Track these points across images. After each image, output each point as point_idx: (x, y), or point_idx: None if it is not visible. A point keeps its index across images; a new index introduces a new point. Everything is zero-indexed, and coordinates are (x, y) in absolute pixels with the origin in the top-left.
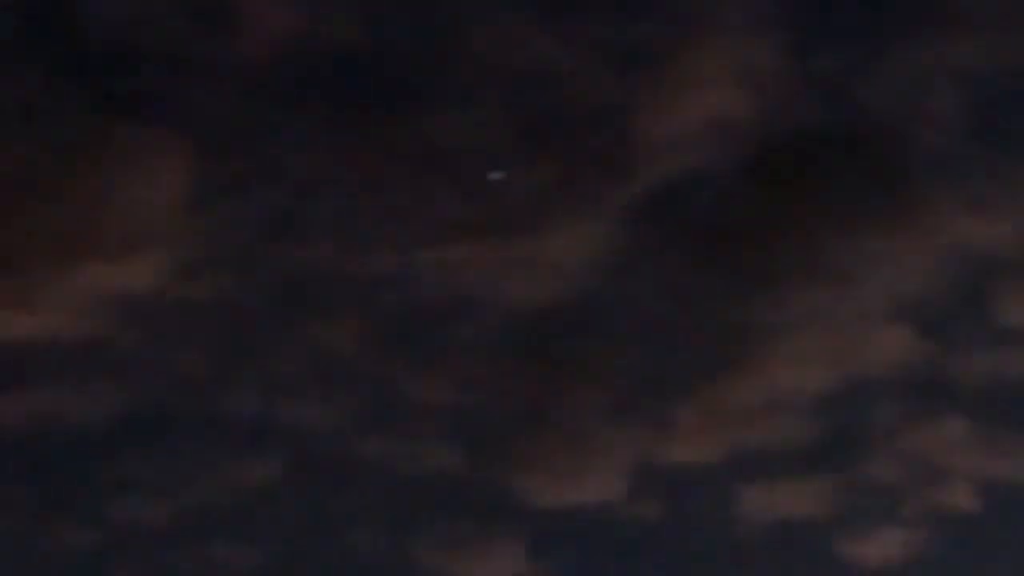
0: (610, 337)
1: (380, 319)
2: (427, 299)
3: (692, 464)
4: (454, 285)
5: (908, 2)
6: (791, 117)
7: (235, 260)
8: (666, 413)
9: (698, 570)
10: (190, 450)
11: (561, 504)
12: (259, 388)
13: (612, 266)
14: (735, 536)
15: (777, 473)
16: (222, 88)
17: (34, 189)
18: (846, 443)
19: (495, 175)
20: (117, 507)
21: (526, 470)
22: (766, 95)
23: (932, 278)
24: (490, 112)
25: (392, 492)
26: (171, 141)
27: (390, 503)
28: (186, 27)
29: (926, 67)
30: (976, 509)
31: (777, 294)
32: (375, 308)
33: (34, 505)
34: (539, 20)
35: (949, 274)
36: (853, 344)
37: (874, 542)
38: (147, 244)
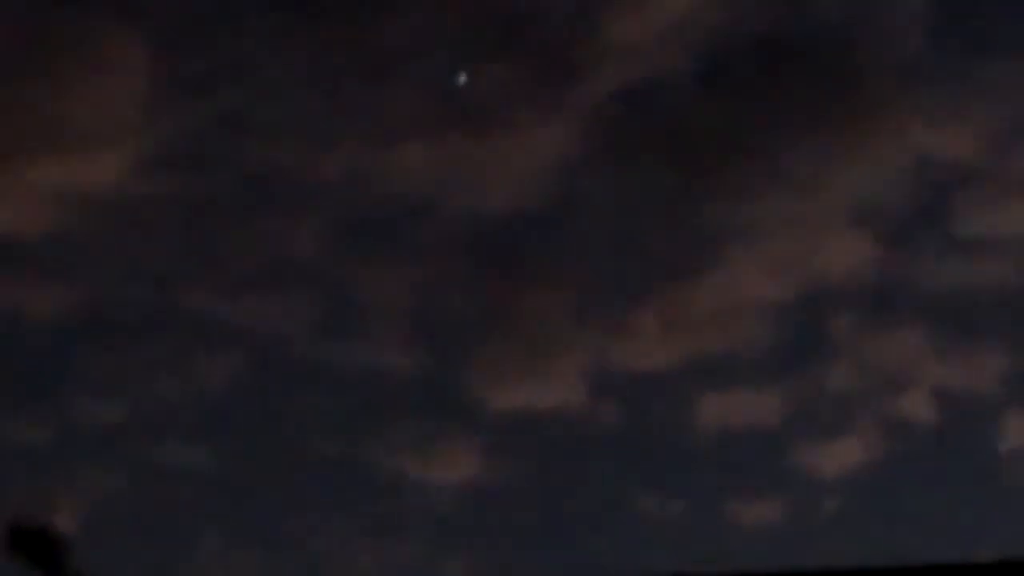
0: (570, 241)
1: (342, 220)
2: (387, 200)
3: (650, 369)
4: (413, 186)
5: None
6: (755, 23)
7: (193, 158)
8: (625, 318)
9: (654, 475)
10: (146, 348)
11: (519, 407)
12: (217, 287)
13: (573, 170)
14: (691, 442)
15: (735, 380)
16: None
17: None
18: (805, 351)
19: (460, 79)
20: (73, 404)
21: (484, 373)
22: (728, 3)
23: (893, 187)
24: (453, 13)
25: (349, 394)
26: (132, 38)
27: (347, 405)
28: None
29: None
30: (934, 418)
31: (738, 201)
32: (335, 209)
33: None
34: None
35: (910, 183)
36: (813, 252)
37: (831, 450)
38: (109, 141)
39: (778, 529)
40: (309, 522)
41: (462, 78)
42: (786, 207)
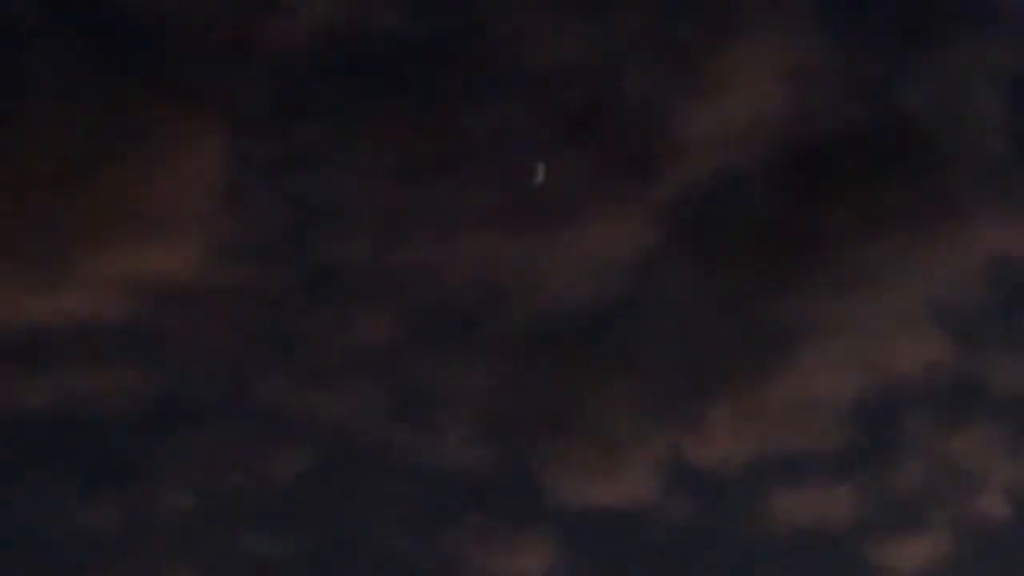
0: (643, 335)
1: (415, 311)
2: (462, 292)
3: (723, 465)
4: (489, 278)
5: (948, 3)
6: (829, 118)
7: (271, 247)
8: (698, 413)
9: (729, 572)
10: (222, 437)
11: (592, 502)
12: (292, 377)
13: (647, 264)
14: (766, 539)
15: (808, 476)
16: (262, 73)
17: (71, 169)
18: (878, 448)
19: (539, 173)
20: (148, 492)
21: (558, 467)
22: (804, 96)
23: (967, 284)
24: (528, 105)
25: (423, 486)
26: (210, 125)
27: (421, 497)
28: (228, 9)
29: (966, 69)
30: (1007, 517)
31: (812, 297)
32: (410, 299)
33: (66, 488)
34: (580, 14)
35: (984, 280)
36: (886, 349)
37: (905, 548)
38: (183, 228)
39: None
40: None
41: (540, 173)
42: (860, 304)
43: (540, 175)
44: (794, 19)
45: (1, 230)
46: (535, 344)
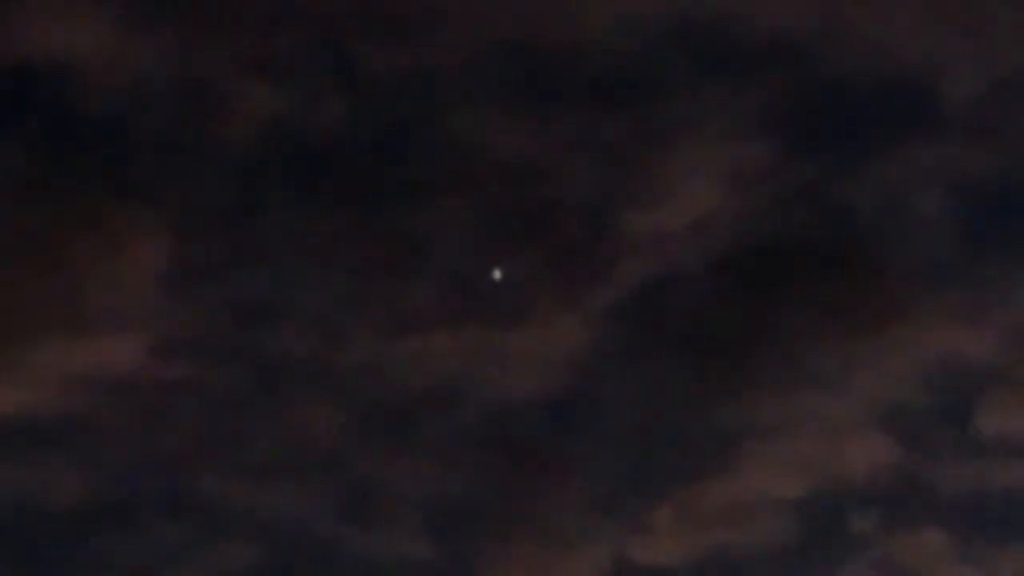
0: (588, 434)
1: (358, 408)
2: (406, 389)
3: (667, 566)
4: (433, 376)
5: (897, 106)
6: (775, 220)
7: (213, 343)
8: (642, 513)
9: None
10: (164, 534)
11: None
12: (235, 473)
13: (592, 363)
14: None
15: None
16: (206, 170)
17: (12, 264)
18: (823, 549)
19: (495, 274)
20: None
21: (500, 565)
22: (751, 197)
23: (914, 386)
24: (474, 204)
25: None
26: (153, 221)
27: None
28: (172, 107)
29: (914, 172)
30: None
31: (757, 397)
32: (353, 396)
33: None
34: (524, 113)
35: (931, 382)
36: (833, 450)
37: None
38: (125, 323)
39: None
40: None
41: (496, 274)
42: (806, 406)
43: (497, 274)
44: (737, 122)
45: None
46: (482, 442)
